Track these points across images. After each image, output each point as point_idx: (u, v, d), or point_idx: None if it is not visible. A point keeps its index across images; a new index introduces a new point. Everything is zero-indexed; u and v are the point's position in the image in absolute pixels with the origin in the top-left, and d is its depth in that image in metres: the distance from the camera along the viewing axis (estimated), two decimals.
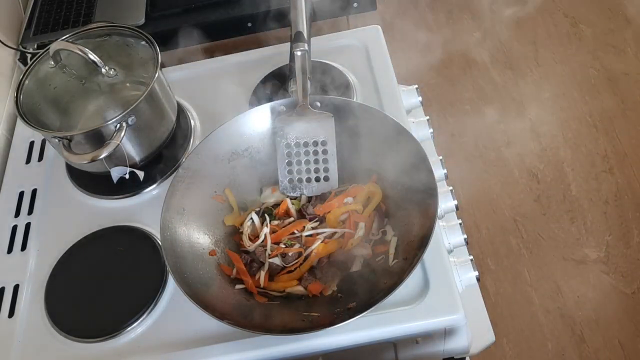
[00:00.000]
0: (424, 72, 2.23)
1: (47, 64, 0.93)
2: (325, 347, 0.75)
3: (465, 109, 2.09)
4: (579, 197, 1.82)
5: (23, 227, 0.93)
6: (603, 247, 1.71)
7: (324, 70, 1.01)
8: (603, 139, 1.94)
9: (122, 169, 0.89)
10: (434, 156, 0.93)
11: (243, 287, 0.79)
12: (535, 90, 2.10)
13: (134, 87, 0.97)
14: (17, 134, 1.07)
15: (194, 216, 0.82)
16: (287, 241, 0.81)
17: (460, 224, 0.86)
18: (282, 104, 0.87)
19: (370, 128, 0.85)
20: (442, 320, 0.74)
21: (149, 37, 0.91)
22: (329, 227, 0.82)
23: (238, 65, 1.07)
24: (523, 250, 1.74)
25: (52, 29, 1.18)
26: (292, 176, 0.87)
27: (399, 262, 0.76)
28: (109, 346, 0.79)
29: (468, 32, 2.31)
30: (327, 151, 0.86)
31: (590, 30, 2.22)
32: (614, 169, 1.86)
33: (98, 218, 0.91)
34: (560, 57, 2.17)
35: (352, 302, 0.74)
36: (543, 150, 1.94)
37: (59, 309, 0.82)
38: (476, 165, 1.95)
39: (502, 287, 1.69)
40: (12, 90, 1.12)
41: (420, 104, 1.01)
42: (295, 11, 0.84)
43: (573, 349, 1.55)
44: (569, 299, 1.64)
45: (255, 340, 0.75)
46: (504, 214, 1.82)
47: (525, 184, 1.88)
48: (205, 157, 0.85)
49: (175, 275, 0.73)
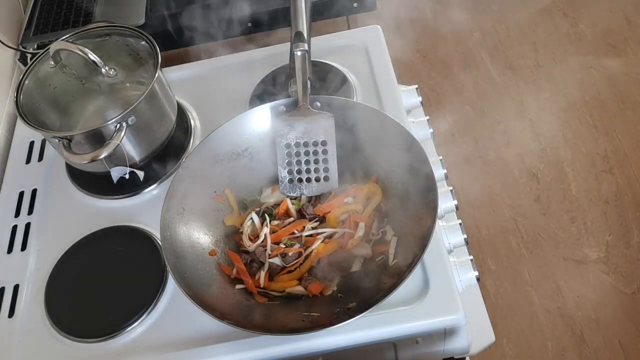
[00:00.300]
0: (424, 72, 2.23)
1: (47, 64, 0.93)
2: (325, 347, 0.75)
3: (465, 109, 2.09)
4: (579, 197, 1.82)
5: (23, 227, 0.93)
6: (603, 247, 1.71)
7: (324, 70, 1.01)
8: (603, 139, 1.94)
9: (122, 169, 0.89)
10: (434, 156, 0.93)
11: (243, 287, 0.79)
12: (535, 90, 2.10)
13: (134, 87, 0.98)
14: (17, 134, 1.07)
15: (194, 216, 0.82)
16: (287, 241, 0.81)
17: (460, 224, 0.86)
18: (282, 104, 0.87)
19: (370, 128, 0.85)
20: (442, 320, 0.74)
21: (149, 37, 0.91)
22: (329, 227, 0.82)
23: (238, 65, 1.07)
24: (523, 250, 1.74)
25: (52, 29, 1.18)
26: (292, 176, 0.87)
27: (399, 262, 0.76)
28: (109, 346, 0.79)
29: (468, 32, 2.31)
30: (327, 151, 0.86)
31: (590, 30, 2.22)
32: (614, 169, 1.86)
33: (98, 218, 0.91)
34: (560, 57, 2.17)
35: (352, 302, 0.74)
36: (543, 150, 1.94)
37: (59, 309, 0.82)
38: (476, 165, 1.95)
39: (502, 287, 1.69)
40: (12, 90, 1.12)
41: (420, 104, 1.01)
42: (295, 11, 0.84)
43: (573, 349, 1.55)
44: (569, 299, 1.64)
45: (255, 340, 0.75)
46: (504, 214, 1.82)
47: (525, 184, 1.88)
48: (205, 157, 0.85)
49: (175, 275, 0.73)
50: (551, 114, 2.03)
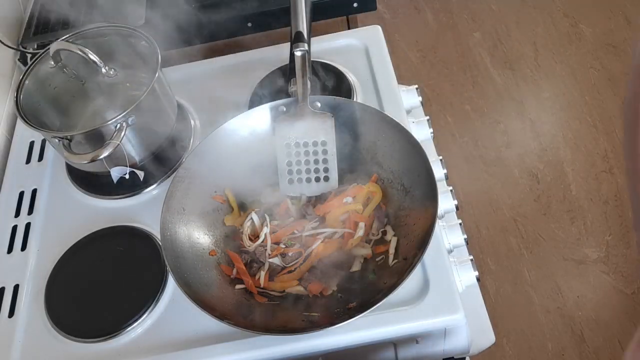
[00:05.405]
0: (424, 72, 2.23)
1: (47, 64, 0.93)
2: (325, 347, 0.75)
3: (465, 108, 2.09)
4: (579, 197, 1.82)
5: (23, 227, 0.93)
6: (603, 247, 1.72)
7: (324, 70, 1.01)
8: (603, 139, 1.94)
9: (122, 169, 0.89)
10: (434, 156, 0.93)
11: (243, 287, 0.79)
12: (535, 90, 2.10)
13: (134, 87, 0.97)
14: (17, 134, 1.07)
15: (194, 216, 0.82)
16: (287, 241, 0.81)
17: (460, 224, 0.86)
18: (282, 104, 0.87)
19: (370, 128, 0.85)
20: (442, 320, 0.74)
21: (149, 37, 0.91)
22: (329, 227, 0.82)
23: (238, 65, 1.07)
24: (523, 250, 1.75)
25: (52, 29, 1.18)
26: (292, 176, 0.87)
27: (399, 262, 0.76)
28: (109, 346, 0.79)
29: (468, 32, 2.31)
30: (327, 151, 0.86)
31: (590, 30, 2.22)
32: (614, 169, 1.86)
33: (98, 218, 0.91)
34: (560, 57, 2.17)
35: (352, 302, 0.74)
36: (543, 150, 1.94)
37: (59, 309, 0.82)
38: (476, 165, 1.95)
39: (502, 287, 1.69)
40: (12, 90, 1.12)
41: (420, 104, 1.01)
42: (295, 11, 0.84)
43: (573, 349, 1.55)
44: (569, 299, 1.64)
45: (255, 340, 0.75)
46: (504, 214, 1.82)
47: (525, 184, 1.88)
48: (205, 157, 0.85)
49: (175, 275, 0.73)
50: (551, 114, 2.03)
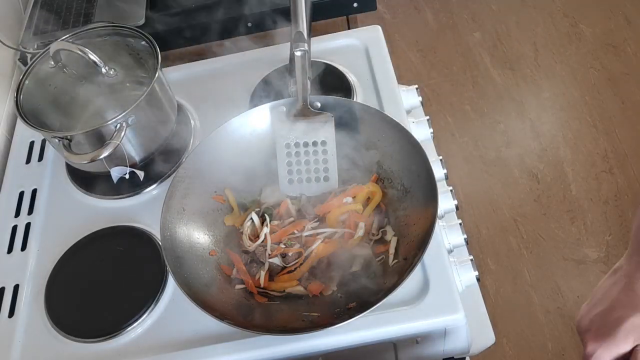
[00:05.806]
0: (424, 72, 2.23)
1: (47, 64, 0.93)
2: (325, 347, 0.75)
3: (465, 108, 2.09)
4: (579, 197, 1.82)
5: (23, 227, 0.93)
6: (603, 247, 1.71)
7: (324, 70, 1.01)
8: (603, 139, 1.94)
9: (122, 169, 0.89)
10: (434, 156, 0.93)
11: (243, 287, 0.79)
12: (535, 90, 2.10)
13: (134, 87, 0.97)
14: (17, 134, 1.07)
15: (194, 216, 0.82)
16: (287, 241, 0.81)
17: (460, 224, 0.86)
18: (282, 104, 0.87)
19: (370, 128, 0.85)
20: (442, 320, 0.74)
21: (149, 37, 0.91)
22: (329, 227, 0.82)
23: (238, 65, 1.07)
24: (523, 250, 1.74)
25: (52, 29, 1.18)
26: (292, 176, 0.87)
27: (399, 262, 0.76)
28: (109, 346, 0.79)
29: (468, 32, 2.31)
30: (327, 151, 0.86)
31: (590, 30, 2.22)
32: (614, 169, 1.86)
33: (98, 218, 0.91)
34: (560, 57, 2.17)
35: (352, 302, 0.74)
36: (543, 150, 1.94)
37: (59, 309, 0.82)
38: (476, 165, 1.95)
39: (502, 287, 1.69)
40: (12, 90, 1.12)
41: (420, 104, 1.01)
42: (295, 11, 0.84)
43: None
44: (569, 299, 1.64)
45: (255, 340, 0.75)
46: (504, 214, 1.82)
47: (525, 184, 1.88)
48: (205, 157, 0.85)
49: (175, 275, 0.73)
50: (551, 114, 2.03)
